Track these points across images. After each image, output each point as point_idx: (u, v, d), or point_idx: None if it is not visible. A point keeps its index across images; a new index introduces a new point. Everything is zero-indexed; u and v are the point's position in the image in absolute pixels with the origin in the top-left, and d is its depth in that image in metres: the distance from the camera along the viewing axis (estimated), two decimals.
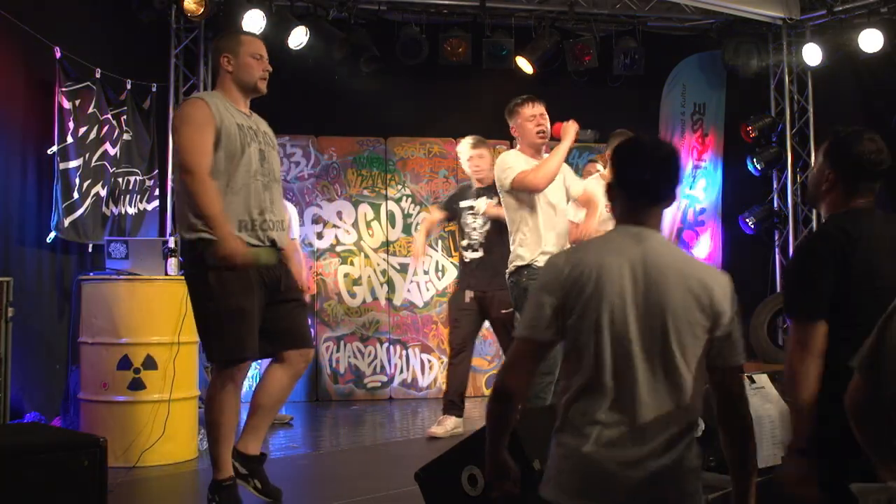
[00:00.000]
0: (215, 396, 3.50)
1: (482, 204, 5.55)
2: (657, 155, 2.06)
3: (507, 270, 4.69)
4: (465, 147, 5.72)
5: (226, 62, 3.59)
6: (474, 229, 5.60)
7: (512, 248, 4.68)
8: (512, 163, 4.56)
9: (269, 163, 3.63)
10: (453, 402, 5.45)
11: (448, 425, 5.32)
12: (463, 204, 5.68)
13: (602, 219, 4.85)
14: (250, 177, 3.51)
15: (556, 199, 4.63)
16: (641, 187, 2.05)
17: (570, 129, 4.58)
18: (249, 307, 3.46)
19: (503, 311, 5.30)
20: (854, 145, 2.47)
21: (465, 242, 5.67)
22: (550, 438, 2.05)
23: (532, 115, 4.62)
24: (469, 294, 5.53)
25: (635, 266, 1.98)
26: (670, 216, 8.14)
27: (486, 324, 5.75)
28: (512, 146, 7.70)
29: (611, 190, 2.12)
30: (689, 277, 2.00)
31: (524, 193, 4.51)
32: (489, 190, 5.47)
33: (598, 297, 1.95)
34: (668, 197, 2.08)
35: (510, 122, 4.72)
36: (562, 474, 1.98)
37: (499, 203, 5.05)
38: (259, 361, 4.29)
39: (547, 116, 4.69)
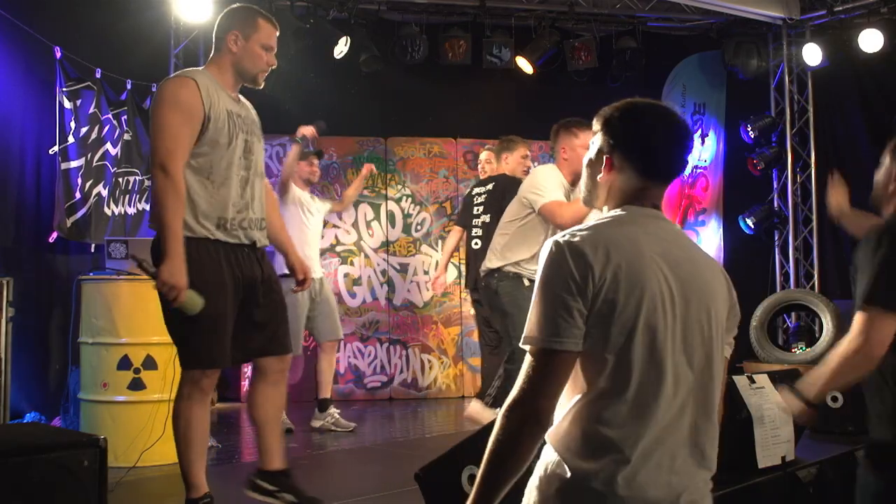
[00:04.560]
0: (182, 408, 3.19)
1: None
2: (677, 124, 1.80)
3: (488, 267, 4.60)
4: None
5: (232, 40, 3.23)
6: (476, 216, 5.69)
7: (498, 245, 4.57)
8: (548, 184, 4.36)
9: (253, 155, 3.29)
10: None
11: None
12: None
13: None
14: (232, 171, 3.19)
15: None
16: (661, 161, 1.79)
17: None
18: (222, 310, 3.17)
19: None
20: None
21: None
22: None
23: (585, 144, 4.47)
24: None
25: (667, 254, 1.70)
26: (671, 215, 8.15)
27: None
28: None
29: (610, 159, 1.80)
30: (716, 265, 1.81)
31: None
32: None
33: (638, 294, 1.64)
34: (679, 174, 1.85)
35: (561, 140, 4.45)
36: None
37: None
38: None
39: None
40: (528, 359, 1.68)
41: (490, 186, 5.63)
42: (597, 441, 1.65)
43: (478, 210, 5.62)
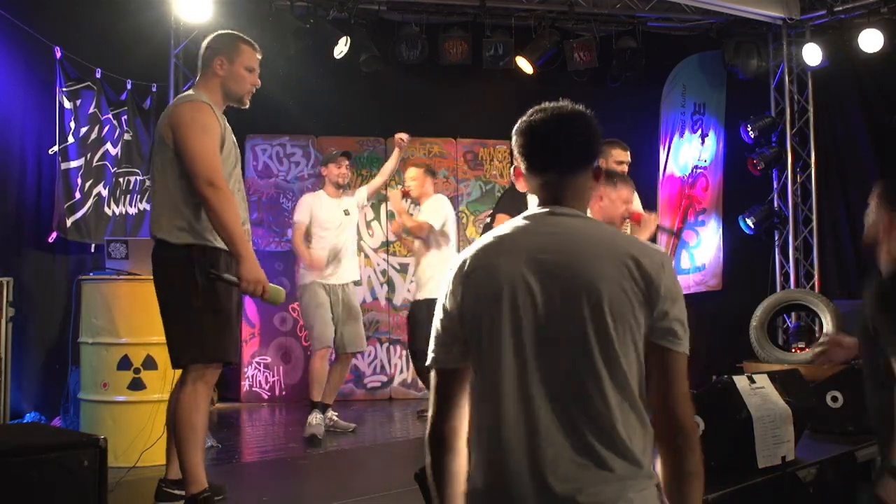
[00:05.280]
0: (193, 401, 3.31)
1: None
2: (546, 119, 1.80)
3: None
4: None
5: (219, 65, 3.48)
6: None
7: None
8: None
9: (239, 169, 3.58)
10: None
11: None
12: None
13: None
14: (237, 185, 3.46)
15: None
16: (528, 152, 1.80)
17: (651, 222, 4.30)
18: (233, 310, 3.41)
19: None
20: None
21: None
22: None
23: (625, 200, 4.28)
24: None
25: (538, 250, 1.67)
26: (671, 215, 8.14)
27: None
28: (511, 147, 7.73)
29: (516, 168, 1.85)
30: (616, 249, 1.67)
31: None
32: None
33: (489, 298, 1.64)
34: (569, 163, 1.78)
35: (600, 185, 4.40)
36: None
37: None
38: None
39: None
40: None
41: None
42: (477, 448, 1.67)
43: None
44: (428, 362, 1.75)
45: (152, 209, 3.46)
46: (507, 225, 1.76)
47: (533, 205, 1.81)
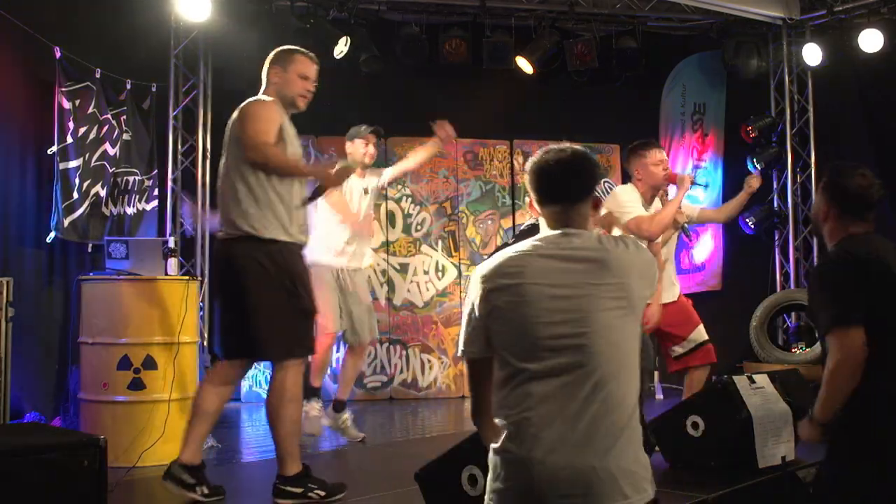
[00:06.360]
0: (295, 393, 3.63)
1: None
2: (553, 160, 2.18)
3: None
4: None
5: (275, 73, 3.86)
6: None
7: None
8: (631, 202, 4.43)
9: None
10: None
11: None
12: None
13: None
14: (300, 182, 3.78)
15: None
16: (543, 190, 2.20)
17: (686, 180, 4.54)
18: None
19: None
20: (847, 181, 2.77)
21: None
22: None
23: (659, 160, 4.54)
24: None
25: (556, 259, 2.07)
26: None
27: None
28: (511, 146, 7.75)
29: (534, 205, 2.26)
30: (602, 256, 2.08)
31: None
32: None
33: (521, 299, 2.03)
34: (574, 197, 2.17)
35: (633, 162, 4.58)
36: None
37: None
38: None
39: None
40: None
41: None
42: (511, 435, 2.04)
43: None
44: (458, 353, 2.18)
45: (228, 204, 3.64)
46: (526, 244, 2.13)
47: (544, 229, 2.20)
